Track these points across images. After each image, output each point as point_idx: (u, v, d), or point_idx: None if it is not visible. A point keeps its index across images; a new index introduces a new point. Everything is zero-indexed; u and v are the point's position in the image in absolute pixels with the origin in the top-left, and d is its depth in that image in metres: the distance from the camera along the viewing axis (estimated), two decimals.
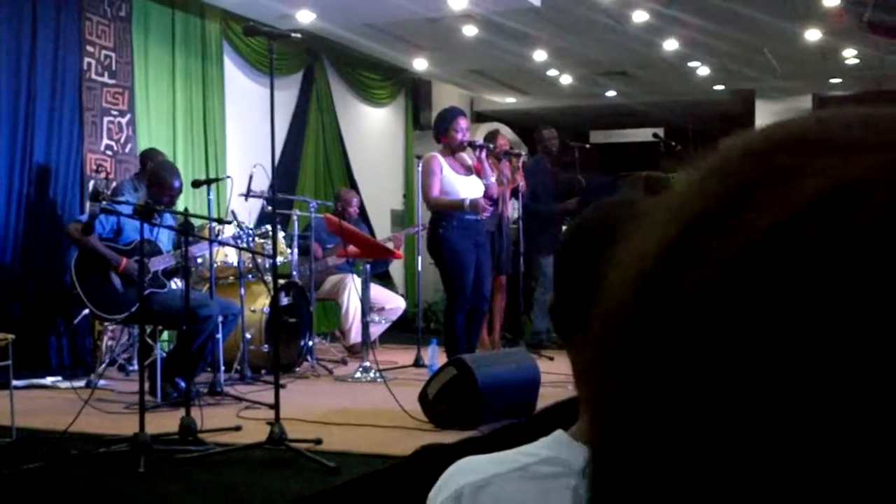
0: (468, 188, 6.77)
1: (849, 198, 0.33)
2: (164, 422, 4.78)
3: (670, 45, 10.60)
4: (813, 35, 10.10)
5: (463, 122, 6.87)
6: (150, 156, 7.37)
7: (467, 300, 6.70)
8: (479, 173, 7.00)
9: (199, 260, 6.65)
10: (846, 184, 0.33)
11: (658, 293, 0.36)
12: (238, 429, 4.86)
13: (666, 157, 10.23)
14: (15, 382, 4.97)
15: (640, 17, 9.40)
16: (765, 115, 13.10)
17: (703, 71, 12.22)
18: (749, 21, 9.35)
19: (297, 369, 7.27)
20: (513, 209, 8.55)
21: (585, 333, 0.40)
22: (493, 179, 7.11)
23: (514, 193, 8.25)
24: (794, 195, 0.34)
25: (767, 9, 8.99)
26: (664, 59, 11.30)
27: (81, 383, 6.23)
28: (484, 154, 7.15)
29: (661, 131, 10.80)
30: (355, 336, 8.11)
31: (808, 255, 0.32)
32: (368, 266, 7.26)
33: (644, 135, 12.79)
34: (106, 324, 6.78)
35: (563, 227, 8.98)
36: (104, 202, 5.58)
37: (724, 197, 0.36)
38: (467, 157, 7.03)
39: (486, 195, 6.86)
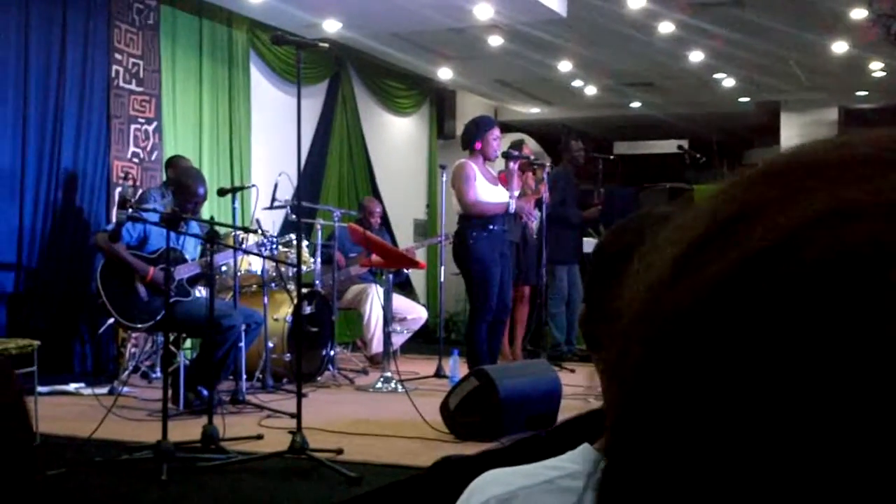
0: (496, 198, 6.76)
1: (835, 223, 0.35)
2: (187, 430, 4.80)
3: (696, 56, 10.56)
4: (840, 47, 10.04)
5: (498, 132, 6.88)
6: (174, 162, 7.42)
7: (491, 311, 6.68)
8: (505, 184, 6.98)
9: (224, 268, 6.67)
10: (835, 209, 0.35)
11: (665, 303, 0.38)
12: (260, 437, 4.87)
13: (690, 168, 10.19)
14: (39, 388, 5.00)
15: (666, 28, 9.38)
16: (790, 127, 13.01)
17: (729, 82, 12.17)
18: (775, 33, 9.31)
19: (319, 378, 7.28)
20: (536, 220, 8.53)
21: (607, 347, 0.42)
22: (516, 193, 7.10)
23: (538, 204, 8.24)
24: (785, 219, 0.36)
25: (794, 21, 8.95)
26: (690, 71, 11.26)
27: (104, 390, 6.25)
28: (517, 166, 7.15)
29: (685, 143, 10.73)
30: (377, 346, 8.11)
31: (795, 276, 0.34)
32: (391, 276, 7.26)
33: (669, 146, 12.75)
34: (130, 331, 6.81)
35: (584, 238, 9.02)
36: (131, 210, 5.61)
37: (725, 219, 0.38)
38: (491, 168, 7.02)
39: (506, 208, 6.85)
